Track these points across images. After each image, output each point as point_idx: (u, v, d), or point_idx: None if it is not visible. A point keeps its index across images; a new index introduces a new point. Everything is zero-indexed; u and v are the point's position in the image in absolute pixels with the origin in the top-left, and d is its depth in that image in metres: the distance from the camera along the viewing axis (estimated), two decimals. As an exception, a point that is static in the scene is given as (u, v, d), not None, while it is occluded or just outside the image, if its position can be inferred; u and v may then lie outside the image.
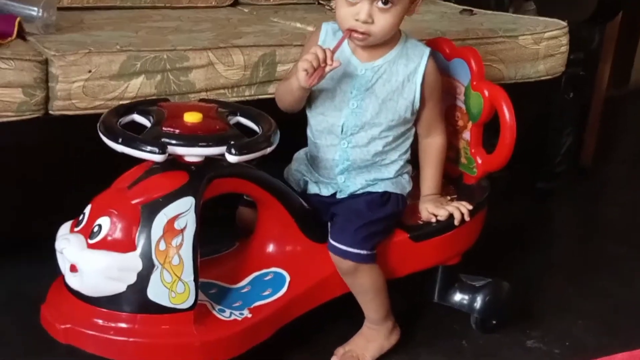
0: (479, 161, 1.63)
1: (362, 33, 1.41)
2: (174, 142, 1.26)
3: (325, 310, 1.51)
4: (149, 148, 1.24)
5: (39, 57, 1.53)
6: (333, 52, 1.39)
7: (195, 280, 1.30)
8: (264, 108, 1.46)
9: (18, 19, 1.63)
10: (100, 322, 1.29)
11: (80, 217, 1.33)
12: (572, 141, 2.30)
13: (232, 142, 1.27)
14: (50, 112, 1.55)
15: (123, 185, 1.33)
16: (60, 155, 1.65)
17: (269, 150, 1.31)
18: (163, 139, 1.26)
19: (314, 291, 1.48)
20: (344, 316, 1.59)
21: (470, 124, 1.62)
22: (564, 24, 2.11)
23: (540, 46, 2.06)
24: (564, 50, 2.12)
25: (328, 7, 2.29)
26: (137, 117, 1.39)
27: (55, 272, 1.41)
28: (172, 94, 1.64)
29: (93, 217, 1.30)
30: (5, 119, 1.50)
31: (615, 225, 2.33)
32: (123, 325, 1.28)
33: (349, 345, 1.53)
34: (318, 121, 1.52)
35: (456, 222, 1.53)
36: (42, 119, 1.55)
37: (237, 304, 1.41)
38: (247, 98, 1.72)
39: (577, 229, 2.33)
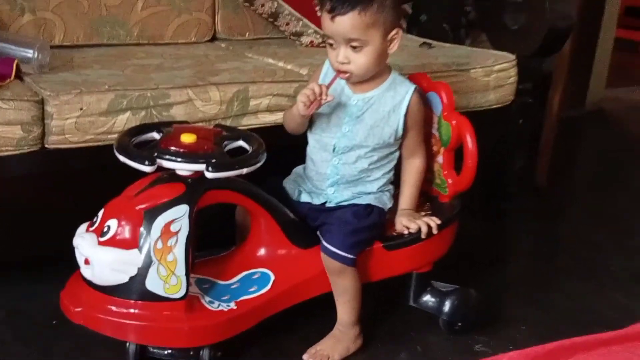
0: (450, 182, 1.85)
1: (345, 72, 1.64)
2: (162, 156, 1.50)
3: (299, 314, 1.72)
4: (141, 160, 1.50)
5: (36, 97, 1.70)
6: (327, 87, 1.63)
7: (187, 274, 1.53)
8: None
9: (16, 61, 1.78)
10: (106, 306, 1.52)
11: (94, 219, 1.56)
12: (523, 163, 2.49)
13: (212, 161, 1.49)
14: (46, 146, 1.72)
15: (131, 194, 1.57)
16: (55, 184, 1.81)
17: (244, 171, 1.54)
18: (155, 154, 1.49)
19: (294, 290, 1.71)
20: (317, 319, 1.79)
21: (442, 149, 1.84)
22: (513, 57, 2.31)
23: (490, 78, 2.26)
24: (513, 81, 2.32)
25: (298, 42, 2.46)
26: (155, 135, 1.62)
27: (49, 291, 1.64)
28: (155, 127, 1.82)
29: (104, 219, 1.55)
30: (5, 153, 1.67)
31: (565, 242, 2.52)
32: (125, 310, 1.52)
33: (319, 345, 1.73)
34: (315, 140, 1.75)
35: (422, 235, 1.75)
36: (38, 152, 1.71)
37: (225, 297, 1.64)
38: (223, 130, 1.90)
39: (529, 245, 2.50)
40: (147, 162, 1.49)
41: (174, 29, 2.39)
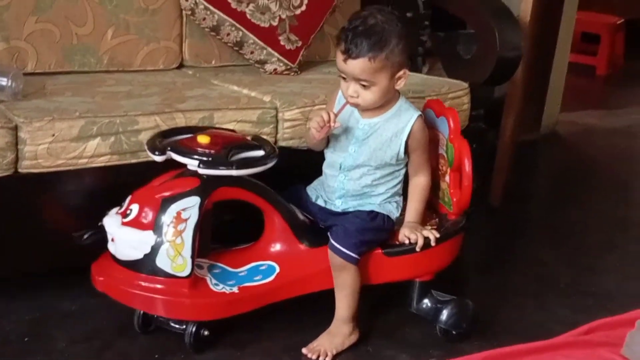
0: (455, 200, 2.01)
1: (353, 103, 1.82)
2: (170, 150, 1.76)
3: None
4: (152, 150, 1.77)
5: (10, 123, 1.78)
6: (336, 115, 1.82)
7: (192, 257, 1.75)
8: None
9: (-10, 89, 1.87)
10: (123, 278, 1.76)
11: (122, 203, 1.79)
12: (477, 185, 2.60)
13: (204, 159, 1.74)
14: (20, 170, 1.80)
15: (156, 184, 1.80)
16: (29, 206, 1.89)
17: (234, 173, 1.76)
18: (168, 148, 1.76)
19: (295, 284, 1.89)
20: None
21: (449, 170, 1.99)
22: (466, 85, 2.43)
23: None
24: (466, 108, 2.44)
25: (263, 70, 2.55)
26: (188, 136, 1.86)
27: (22, 308, 1.82)
28: (124, 152, 1.91)
29: (130, 203, 1.78)
30: (-20, 177, 1.75)
31: (517, 259, 2.62)
32: (138, 282, 1.75)
33: (317, 341, 1.90)
34: (328, 156, 1.97)
35: (417, 248, 1.90)
36: (12, 177, 1.79)
37: (230, 282, 1.85)
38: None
39: (482, 262, 2.61)
40: (156, 153, 1.76)
41: (142, 57, 2.45)
